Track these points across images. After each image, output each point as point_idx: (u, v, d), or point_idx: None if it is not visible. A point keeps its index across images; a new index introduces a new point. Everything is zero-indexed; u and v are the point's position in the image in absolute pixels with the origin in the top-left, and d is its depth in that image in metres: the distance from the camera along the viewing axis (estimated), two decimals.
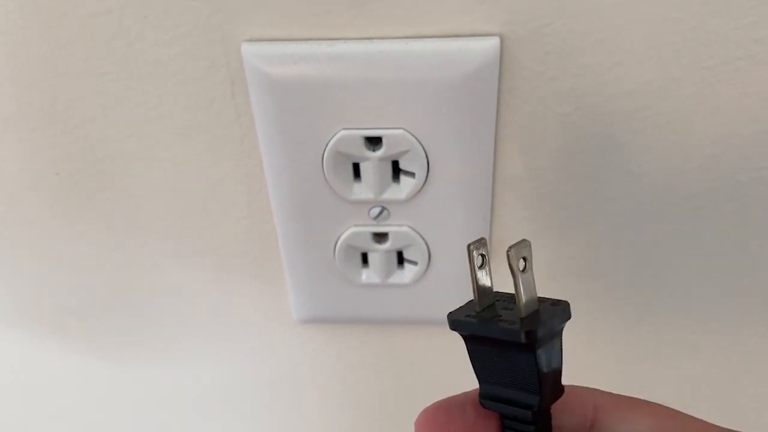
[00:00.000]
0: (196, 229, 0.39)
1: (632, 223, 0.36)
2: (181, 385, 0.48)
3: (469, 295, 0.38)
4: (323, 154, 0.34)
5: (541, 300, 0.23)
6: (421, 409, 0.23)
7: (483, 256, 0.24)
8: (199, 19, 0.31)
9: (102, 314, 0.44)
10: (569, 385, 0.24)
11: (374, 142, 0.33)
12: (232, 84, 0.33)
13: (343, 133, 0.33)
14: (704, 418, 0.22)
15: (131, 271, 0.41)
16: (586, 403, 0.22)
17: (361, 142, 0.33)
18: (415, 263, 0.38)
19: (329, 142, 0.33)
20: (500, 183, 0.35)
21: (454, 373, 0.44)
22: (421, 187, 0.34)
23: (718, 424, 0.22)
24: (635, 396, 0.24)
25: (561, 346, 0.23)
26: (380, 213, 0.35)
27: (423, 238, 0.37)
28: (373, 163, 0.33)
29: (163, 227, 0.39)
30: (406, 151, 0.33)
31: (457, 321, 0.24)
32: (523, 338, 0.21)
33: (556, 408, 0.23)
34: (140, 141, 0.35)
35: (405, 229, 0.36)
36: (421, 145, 0.33)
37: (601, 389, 0.24)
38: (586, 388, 0.24)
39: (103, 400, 0.50)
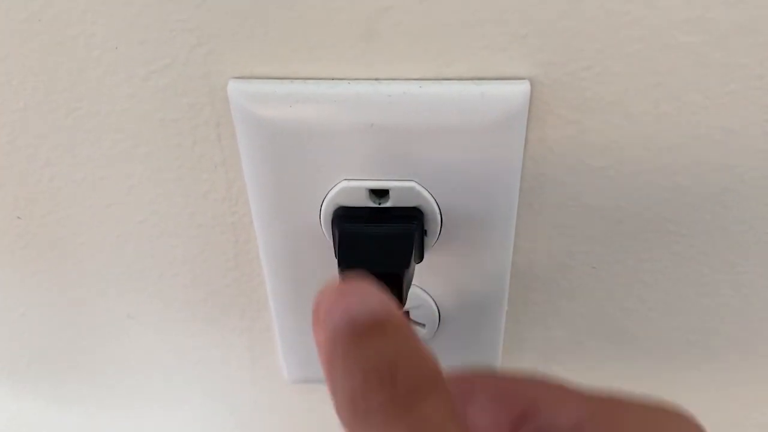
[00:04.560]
0: (177, 279, 0.35)
1: (675, 289, 0.32)
2: None
3: (479, 360, 0.34)
4: (321, 206, 0.29)
5: None
6: None
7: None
8: (180, 51, 0.27)
9: (75, 372, 0.40)
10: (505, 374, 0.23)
11: (380, 194, 0.29)
12: (218, 125, 0.29)
13: (344, 184, 0.28)
14: None
15: (106, 324, 0.37)
16: (521, 395, 0.22)
17: (366, 194, 0.28)
18: (422, 325, 0.34)
19: (328, 193, 0.29)
20: (522, 240, 0.31)
21: None
22: (432, 246, 0.30)
23: None
24: None
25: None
26: None
27: (433, 299, 0.33)
28: None
29: (141, 277, 0.35)
30: (417, 205, 0.29)
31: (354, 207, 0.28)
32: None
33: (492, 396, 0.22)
34: (114, 184, 0.31)
35: (414, 289, 0.32)
36: (435, 200, 0.28)
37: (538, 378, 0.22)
38: (524, 379, 0.23)
39: None
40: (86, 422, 0.43)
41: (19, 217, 0.33)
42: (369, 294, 0.20)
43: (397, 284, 0.27)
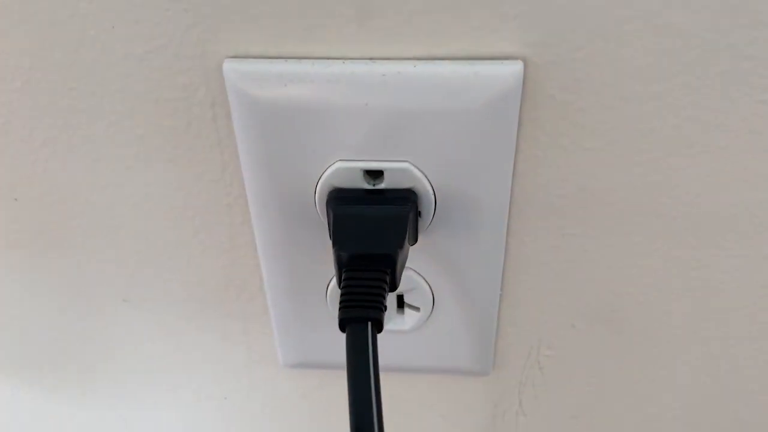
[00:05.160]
0: (172, 262, 0.35)
1: (667, 272, 0.32)
2: (159, 429, 0.44)
3: (473, 343, 0.34)
4: (316, 186, 0.29)
5: None
6: None
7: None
8: (176, 31, 0.27)
9: (70, 357, 0.40)
10: None
11: (375, 175, 0.29)
12: (213, 105, 0.29)
13: (339, 164, 0.28)
14: None
15: (100, 308, 0.37)
16: None
17: (360, 175, 0.29)
18: (416, 309, 0.34)
19: (323, 174, 0.29)
20: (515, 222, 0.31)
21: (453, 422, 0.40)
22: (428, 226, 0.30)
23: None
24: None
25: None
26: None
27: (427, 282, 0.33)
28: None
29: (135, 260, 0.35)
30: (411, 187, 0.29)
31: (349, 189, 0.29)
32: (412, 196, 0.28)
33: None
34: (109, 165, 0.31)
35: (408, 272, 0.32)
36: (428, 180, 0.29)
37: None
38: None
39: None
40: (80, 407, 0.43)
41: (15, 199, 0.33)
42: None
43: (391, 265, 0.27)
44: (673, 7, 0.25)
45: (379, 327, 0.26)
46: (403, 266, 0.28)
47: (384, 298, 0.27)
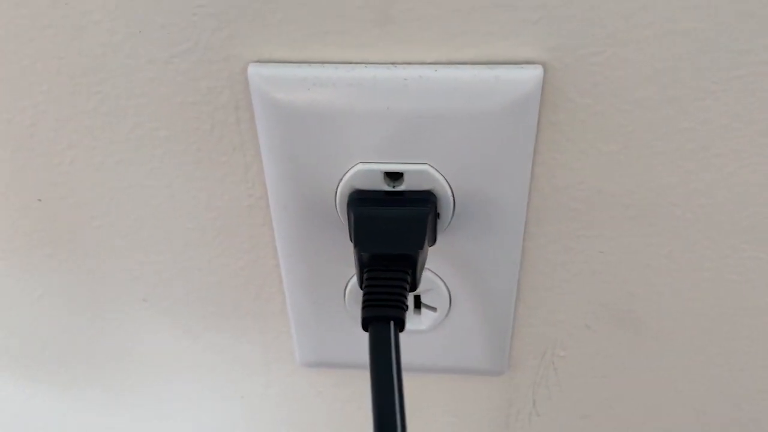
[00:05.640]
0: (192, 262, 0.35)
1: (681, 274, 0.32)
2: (175, 428, 0.45)
3: (488, 344, 0.35)
4: (336, 188, 0.30)
5: None
6: None
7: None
8: (201, 35, 0.27)
9: (88, 356, 0.40)
10: None
11: (395, 177, 0.30)
12: (236, 109, 0.29)
13: (360, 167, 0.29)
14: None
15: (119, 308, 0.38)
16: None
17: (381, 177, 0.29)
18: (433, 309, 0.34)
19: (344, 176, 0.29)
20: (534, 221, 0.32)
21: (468, 421, 0.41)
22: (446, 228, 0.31)
23: None
24: None
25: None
26: None
27: (444, 283, 0.33)
28: None
29: (156, 260, 0.35)
30: (430, 189, 0.29)
31: (369, 190, 0.29)
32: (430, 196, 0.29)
33: None
34: (132, 167, 0.32)
35: (426, 272, 0.33)
36: (448, 182, 0.29)
37: None
38: None
39: None
40: (97, 406, 0.44)
41: (39, 200, 0.33)
42: None
43: (411, 265, 0.28)
44: (689, 12, 0.25)
45: (401, 326, 0.27)
46: (423, 266, 0.29)
47: (405, 297, 0.27)
